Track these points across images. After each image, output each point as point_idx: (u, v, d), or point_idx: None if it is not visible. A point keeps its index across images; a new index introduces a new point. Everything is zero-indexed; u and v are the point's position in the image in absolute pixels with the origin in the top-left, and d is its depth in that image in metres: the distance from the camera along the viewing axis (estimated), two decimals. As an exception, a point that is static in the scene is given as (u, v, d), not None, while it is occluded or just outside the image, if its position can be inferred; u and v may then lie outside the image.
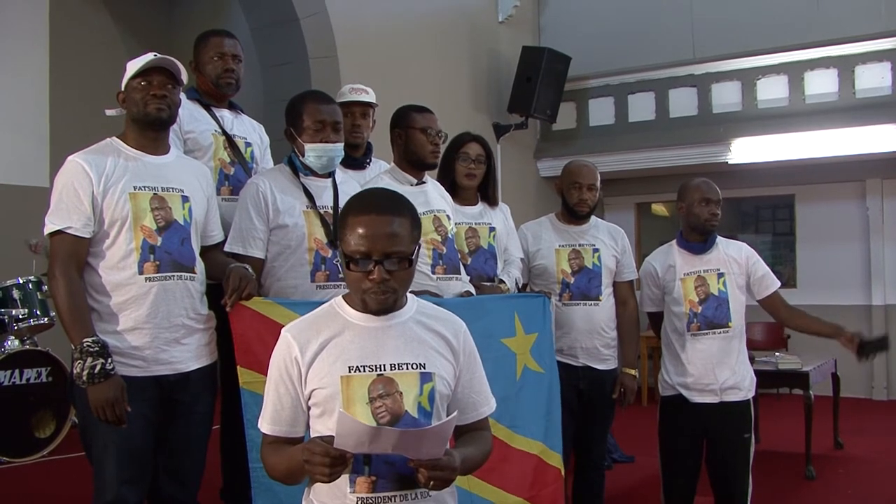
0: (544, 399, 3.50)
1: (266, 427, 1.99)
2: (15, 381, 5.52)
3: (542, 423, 3.46)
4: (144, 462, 2.75)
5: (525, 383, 3.43)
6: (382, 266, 1.88)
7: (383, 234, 1.88)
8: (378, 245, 1.87)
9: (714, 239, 3.88)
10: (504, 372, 3.33)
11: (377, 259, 1.88)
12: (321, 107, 3.15)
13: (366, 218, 1.89)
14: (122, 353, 2.69)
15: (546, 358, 3.53)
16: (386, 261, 1.88)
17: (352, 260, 1.90)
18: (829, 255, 9.07)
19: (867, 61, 8.09)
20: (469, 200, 3.78)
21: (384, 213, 1.90)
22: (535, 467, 3.40)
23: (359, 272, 1.90)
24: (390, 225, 1.89)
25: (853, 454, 6.50)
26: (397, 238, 1.89)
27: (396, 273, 1.90)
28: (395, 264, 1.89)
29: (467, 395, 2.07)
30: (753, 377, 3.87)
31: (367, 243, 1.87)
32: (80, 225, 2.68)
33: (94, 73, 7.71)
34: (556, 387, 3.55)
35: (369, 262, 1.88)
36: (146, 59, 2.78)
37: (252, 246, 3.08)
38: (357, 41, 7.00)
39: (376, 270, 1.88)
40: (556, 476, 3.48)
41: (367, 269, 1.89)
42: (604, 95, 9.36)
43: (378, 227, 1.88)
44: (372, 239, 1.87)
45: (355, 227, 1.89)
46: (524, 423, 3.37)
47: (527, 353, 3.46)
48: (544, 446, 3.45)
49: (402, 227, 1.91)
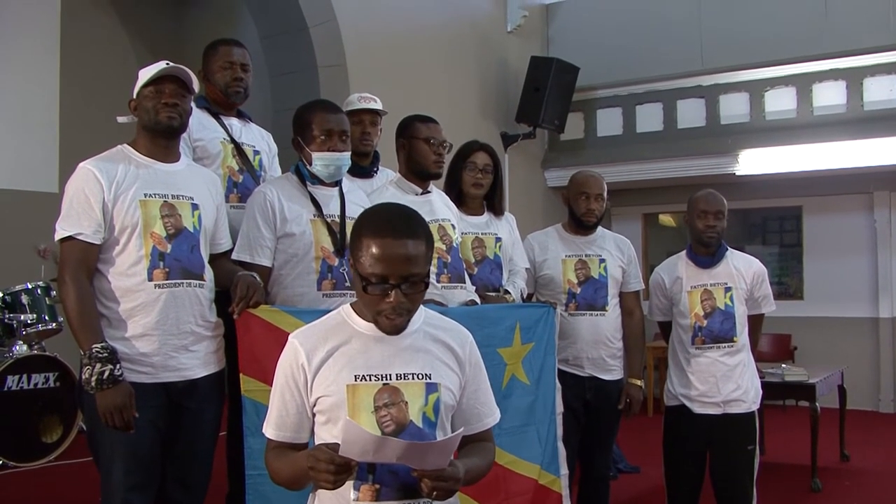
0: (524, 412, 3.44)
1: (271, 432, 1.99)
2: (23, 386, 5.55)
3: (515, 435, 3.38)
4: (152, 468, 2.77)
5: (509, 393, 3.38)
6: (400, 290, 1.87)
7: (400, 257, 1.86)
8: (395, 269, 1.86)
9: (723, 252, 3.88)
10: (491, 381, 3.30)
11: (394, 283, 1.87)
12: (329, 116, 3.16)
13: (381, 241, 1.86)
14: (130, 359, 2.71)
15: (537, 370, 3.48)
16: (403, 284, 1.87)
17: (368, 282, 1.88)
18: (836, 267, 9.02)
19: (875, 73, 8.08)
20: (475, 210, 3.79)
21: (400, 237, 1.87)
22: (503, 478, 3.33)
23: (375, 295, 1.89)
24: (407, 248, 1.87)
25: (859, 467, 6.47)
26: (414, 261, 1.88)
27: (412, 295, 1.90)
28: (411, 287, 1.89)
29: (472, 405, 2.07)
30: (759, 389, 3.87)
31: (384, 267, 1.86)
32: (90, 231, 2.70)
33: (103, 80, 7.77)
34: (545, 400, 3.50)
35: (386, 285, 1.87)
36: (158, 68, 2.80)
37: (259, 254, 3.09)
38: (366, 50, 7.01)
39: (394, 294, 1.87)
40: (533, 488, 3.42)
41: (384, 292, 1.88)
42: (612, 106, 9.35)
43: (395, 249, 1.86)
44: (389, 263, 1.85)
45: (370, 248, 1.87)
46: (499, 432, 3.33)
47: (517, 363, 3.42)
48: (514, 457, 3.38)
49: (418, 249, 1.89)
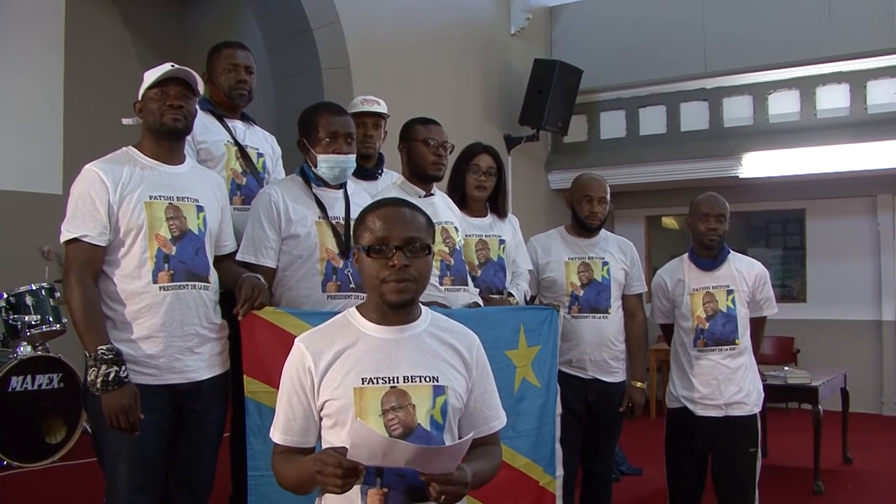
0: (537, 414, 3.46)
1: (278, 437, 1.99)
2: (27, 387, 5.57)
3: (530, 438, 3.42)
4: (156, 470, 2.77)
5: (522, 395, 3.40)
6: (403, 252, 1.92)
7: (401, 220, 1.97)
8: (397, 231, 1.94)
9: (725, 255, 3.88)
10: (502, 383, 3.27)
11: (397, 245, 1.93)
12: (334, 118, 3.17)
13: (383, 210, 2.00)
14: (135, 361, 2.71)
15: (545, 372, 3.49)
16: (405, 247, 1.93)
17: (371, 249, 1.94)
18: (839, 270, 9.02)
19: (879, 77, 8.07)
20: (479, 212, 3.79)
21: (400, 206, 2.01)
22: (515, 479, 3.35)
23: (378, 259, 1.93)
24: (405, 213, 1.99)
25: (862, 469, 6.46)
26: (414, 226, 1.97)
27: (415, 261, 1.94)
28: (414, 251, 1.94)
29: (479, 408, 2.07)
30: (761, 392, 3.87)
31: (385, 228, 1.95)
32: (95, 233, 2.70)
33: (107, 82, 7.79)
34: (551, 403, 3.51)
35: (389, 248, 1.93)
36: (163, 70, 2.81)
37: (264, 255, 3.09)
38: (370, 52, 7.02)
39: (396, 256, 1.92)
40: (533, 488, 3.43)
41: (387, 255, 1.92)
42: (615, 108, 9.35)
43: (396, 215, 1.98)
44: (390, 226, 1.95)
45: (374, 220, 1.98)
46: (514, 435, 3.33)
47: (527, 365, 3.44)
48: (528, 460, 3.40)
49: (417, 219, 2.01)
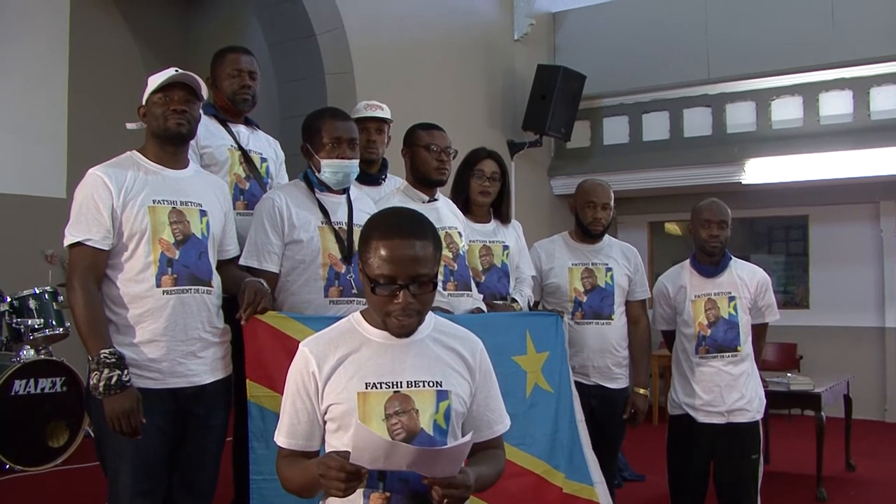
0: (551, 419, 3.48)
1: (282, 440, 1.99)
2: (30, 391, 5.57)
3: (547, 443, 3.44)
4: (158, 474, 2.77)
5: (534, 401, 3.42)
6: (408, 290, 1.88)
7: (408, 257, 1.87)
8: (403, 269, 1.87)
9: (727, 262, 3.88)
10: (514, 389, 3.31)
11: (403, 283, 1.88)
12: (338, 123, 3.17)
13: (390, 242, 1.88)
14: (138, 365, 2.71)
15: (556, 377, 3.51)
16: (411, 285, 1.88)
17: (376, 283, 1.89)
18: (842, 276, 9.00)
19: (882, 83, 8.06)
20: (482, 217, 3.79)
21: (408, 237, 1.89)
22: (534, 486, 3.37)
23: (384, 296, 1.90)
24: (414, 248, 1.88)
25: (865, 476, 6.45)
26: (422, 261, 1.89)
27: (421, 296, 1.90)
28: (420, 288, 1.89)
29: (482, 413, 2.07)
30: (763, 399, 3.87)
31: (392, 267, 1.87)
32: (99, 237, 2.71)
33: (112, 86, 7.81)
34: (565, 407, 3.53)
35: (394, 286, 1.88)
36: (168, 75, 2.82)
37: (267, 260, 3.10)
38: (373, 58, 7.03)
39: (402, 295, 1.88)
40: (558, 495, 3.44)
41: (392, 293, 1.89)
42: (618, 114, 9.36)
43: (402, 250, 1.88)
44: (397, 263, 1.87)
45: (379, 249, 1.89)
46: (531, 441, 3.35)
47: (538, 371, 3.46)
48: (548, 466, 3.42)
49: (426, 250, 1.90)
